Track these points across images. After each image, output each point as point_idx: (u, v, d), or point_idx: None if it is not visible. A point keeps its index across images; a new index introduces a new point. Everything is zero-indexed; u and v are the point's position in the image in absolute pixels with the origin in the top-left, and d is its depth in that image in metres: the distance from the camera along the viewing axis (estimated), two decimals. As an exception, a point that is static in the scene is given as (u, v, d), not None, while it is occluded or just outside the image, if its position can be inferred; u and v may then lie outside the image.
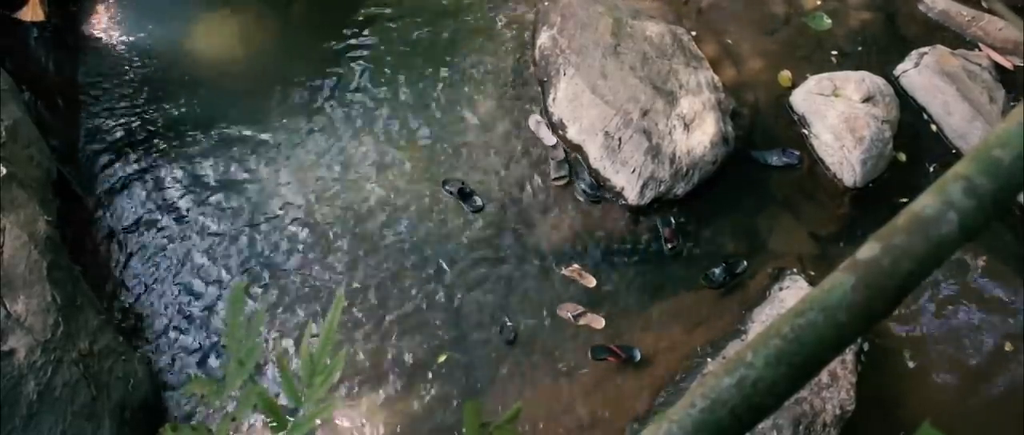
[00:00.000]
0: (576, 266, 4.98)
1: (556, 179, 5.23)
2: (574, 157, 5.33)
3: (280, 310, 4.74)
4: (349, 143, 5.35)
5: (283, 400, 1.42)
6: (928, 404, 4.70)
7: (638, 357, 4.70)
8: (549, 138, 5.41)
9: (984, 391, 4.80)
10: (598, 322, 4.81)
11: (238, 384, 1.20)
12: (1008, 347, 4.95)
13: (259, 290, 4.80)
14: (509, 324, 4.78)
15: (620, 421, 4.56)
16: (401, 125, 5.44)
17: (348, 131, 5.39)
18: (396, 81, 5.61)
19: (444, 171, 5.26)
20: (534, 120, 5.49)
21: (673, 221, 5.16)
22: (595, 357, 4.71)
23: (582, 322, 4.80)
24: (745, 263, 5.06)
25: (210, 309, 4.73)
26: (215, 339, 4.64)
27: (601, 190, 5.21)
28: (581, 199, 5.20)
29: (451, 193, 5.14)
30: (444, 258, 4.97)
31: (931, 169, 5.54)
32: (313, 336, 1.30)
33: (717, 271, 5.01)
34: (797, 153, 5.49)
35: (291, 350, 4.64)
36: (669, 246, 5.08)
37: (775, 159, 5.45)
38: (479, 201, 5.14)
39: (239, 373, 1.19)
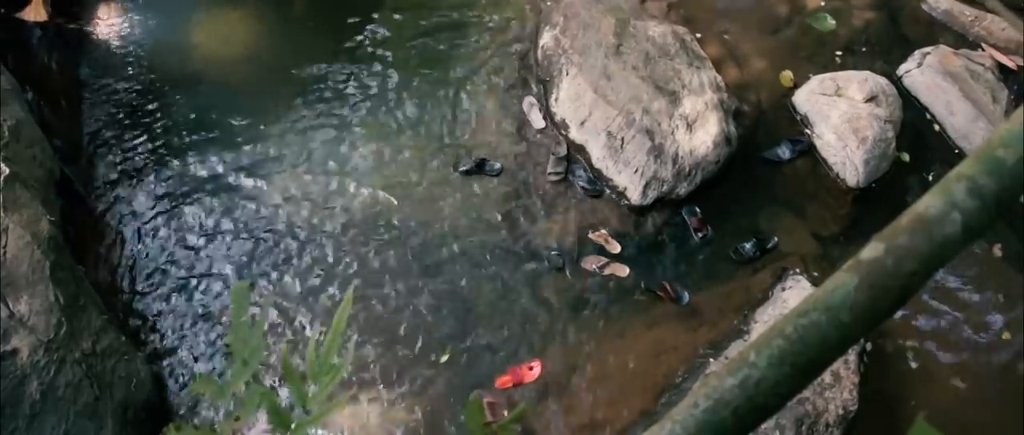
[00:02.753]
0: (603, 231, 5.06)
1: (552, 174, 5.25)
2: (574, 155, 5.33)
3: (286, 309, 4.74)
4: (353, 139, 5.36)
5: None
6: (931, 404, 4.69)
7: (686, 300, 4.87)
8: (539, 121, 5.48)
9: (988, 390, 4.79)
10: (623, 270, 4.94)
11: (242, 384, 1.20)
12: (1006, 336, 4.95)
13: (263, 289, 4.80)
14: (555, 253, 4.96)
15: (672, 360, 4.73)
16: (405, 121, 5.45)
17: (351, 128, 5.40)
18: (399, 79, 5.62)
19: (450, 164, 5.29)
20: (528, 102, 5.57)
21: (699, 210, 5.19)
22: (646, 288, 4.88)
23: (607, 272, 4.93)
24: (776, 239, 5.12)
25: (214, 308, 4.73)
26: (219, 339, 4.65)
27: (599, 184, 5.22)
28: (580, 194, 5.22)
29: (467, 171, 5.22)
30: (457, 238, 5.01)
31: (934, 169, 5.53)
32: (321, 334, 1.30)
33: (747, 246, 5.08)
34: (803, 139, 5.52)
35: (297, 349, 4.64)
36: (699, 235, 5.12)
37: (786, 152, 5.46)
38: (497, 165, 5.26)
39: (243, 373, 1.19)
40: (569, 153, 5.33)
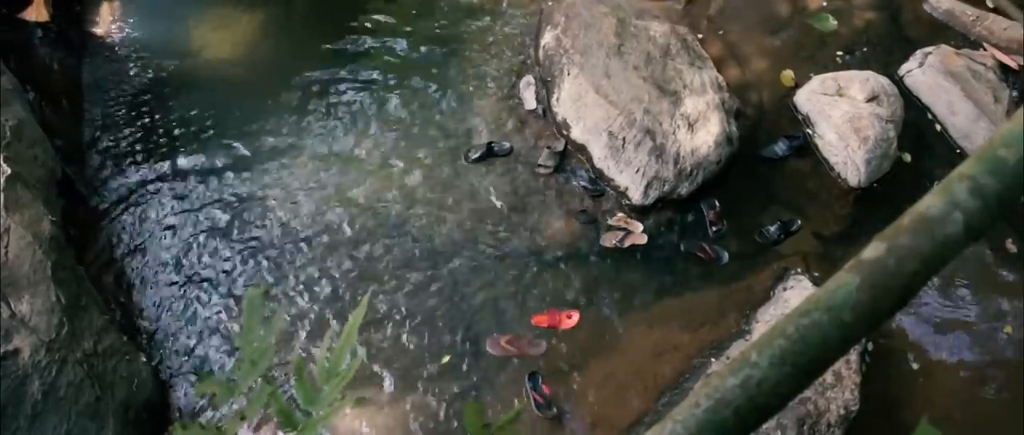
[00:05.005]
0: (621, 214, 5.11)
1: (541, 166, 5.27)
2: (575, 154, 5.33)
3: (291, 308, 4.74)
4: (357, 138, 5.36)
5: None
6: (933, 403, 4.69)
7: (726, 259, 5.00)
8: (531, 102, 5.54)
9: (989, 390, 4.79)
10: (641, 238, 5.03)
11: (249, 384, 1.21)
12: (1008, 330, 4.95)
13: (271, 291, 4.79)
14: (584, 210, 5.11)
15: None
16: (410, 118, 5.46)
17: (355, 126, 5.41)
18: (401, 79, 5.63)
19: (453, 162, 5.29)
20: (525, 81, 5.61)
21: (718, 203, 5.22)
22: (687, 251, 5.03)
23: (628, 243, 5.01)
24: (799, 222, 5.17)
25: (216, 309, 4.73)
26: (221, 339, 4.65)
27: (601, 184, 5.24)
28: (582, 193, 5.22)
29: (478, 158, 5.26)
30: (469, 228, 5.01)
31: (936, 169, 5.53)
32: (333, 338, 1.30)
33: (772, 229, 5.14)
34: (799, 135, 5.53)
35: (300, 350, 4.64)
36: (714, 229, 5.15)
37: (783, 149, 5.46)
38: (506, 144, 5.33)
39: (251, 373, 1.19)
40: (565, 150, 5.34)
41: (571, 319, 4.73)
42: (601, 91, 5.27)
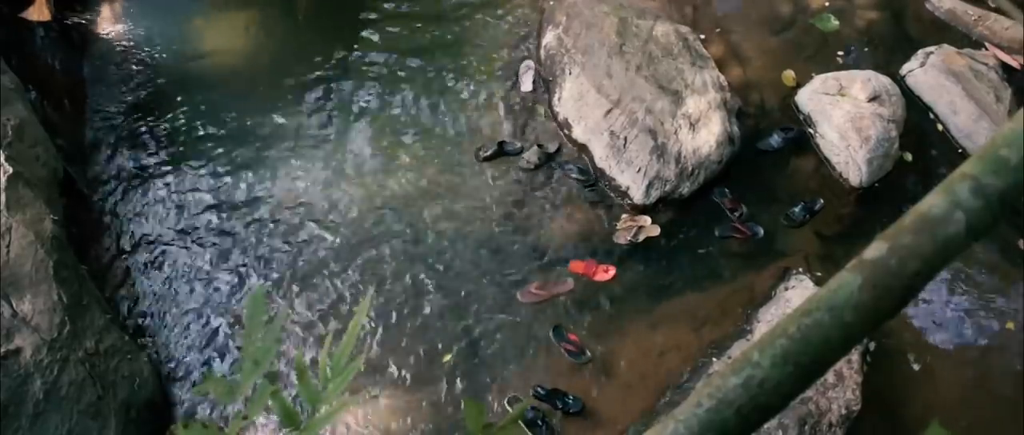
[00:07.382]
0: (626, 215, 5.12)
1: (526, 162, 5.27)
2: (572, 153, 5.34)
3: (295, 309, 4.73)
4: (361, 138, 5.36)
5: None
6: (934, 404, 4.69)
7: (761, 233, 5.08)
8: (527, 85, 5.59)
9: (990, 390, 4.79)
10: (654, 230, 5.04)
11: (252, 384, 1.21)
12: (1010, 326, 4.95)
13: (274, 290, 4.79)
14: (594, 187, 5.18)
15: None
16: (416, 118, 5.46)
17: (359, 127, 5.40)
18: (403, 80, 5.62)
19: (462, 161, 5.30)
20: (525, 65, 5.65)
21: (728, 191, 5.26)
22: (721, 235, 5.08)
23: (642, 237, 5.01)
24: (821, 201, 5.23)
25: (217, 308, 4.73)
26: (223, 338, 4.65)
27: (591, 174, 5.26)
28: (574, 186, 5.23)
29: (488, 157, 5.27)
30: (479, 226, 5.03)
31: (937, 169, 5.52)
32: (336, 336, 1.31)
33: (796, 210, 5.21)
34: (793, 127, 5.55)
35: (304, 349, 4.64)
36: (736, 214, 5.18)
37: (777, 141, 5.47)
38: (518, 144, 5.34)
39: (254, 372, 1.19)
40: (558, 151, 5.34)
41: (607, 273, 4.81)
42: (602, 91, 5.27)
